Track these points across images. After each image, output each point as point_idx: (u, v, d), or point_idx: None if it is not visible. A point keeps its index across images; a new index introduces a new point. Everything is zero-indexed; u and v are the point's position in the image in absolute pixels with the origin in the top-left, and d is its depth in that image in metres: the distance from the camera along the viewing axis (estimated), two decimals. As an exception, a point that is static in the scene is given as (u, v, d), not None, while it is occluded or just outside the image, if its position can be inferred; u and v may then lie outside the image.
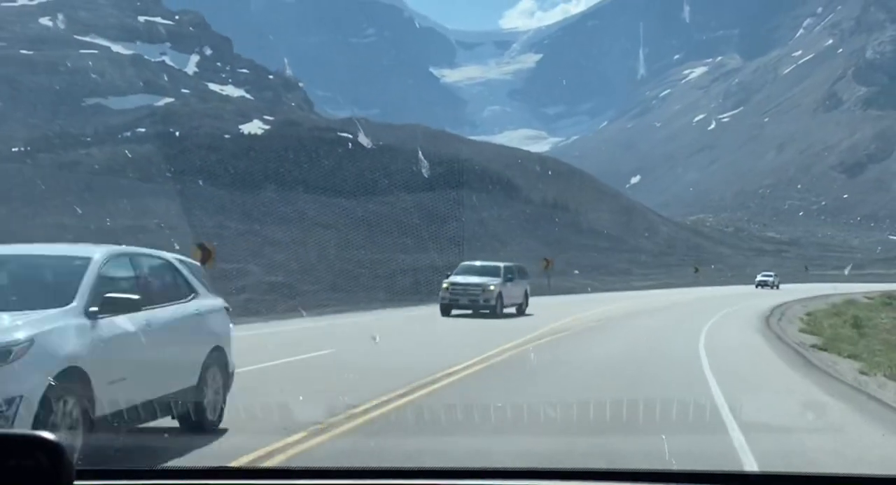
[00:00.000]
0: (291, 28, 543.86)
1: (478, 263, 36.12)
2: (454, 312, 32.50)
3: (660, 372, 16.36)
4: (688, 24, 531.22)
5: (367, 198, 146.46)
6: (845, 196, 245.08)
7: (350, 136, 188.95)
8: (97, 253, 8.77)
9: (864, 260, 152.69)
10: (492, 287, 31.83)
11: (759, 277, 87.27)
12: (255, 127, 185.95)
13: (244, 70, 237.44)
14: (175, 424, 9.54)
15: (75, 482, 2.17)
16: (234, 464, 7.68)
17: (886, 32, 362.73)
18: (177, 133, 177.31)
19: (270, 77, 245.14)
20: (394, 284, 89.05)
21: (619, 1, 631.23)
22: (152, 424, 9.15)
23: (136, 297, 8.53)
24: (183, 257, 11.13)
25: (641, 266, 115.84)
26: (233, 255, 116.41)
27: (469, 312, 32.57)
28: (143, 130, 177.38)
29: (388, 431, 10.12)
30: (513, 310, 33.94)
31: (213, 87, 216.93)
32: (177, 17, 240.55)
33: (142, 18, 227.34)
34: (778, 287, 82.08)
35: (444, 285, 32.32)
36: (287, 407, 10.72)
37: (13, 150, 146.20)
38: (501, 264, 34.88)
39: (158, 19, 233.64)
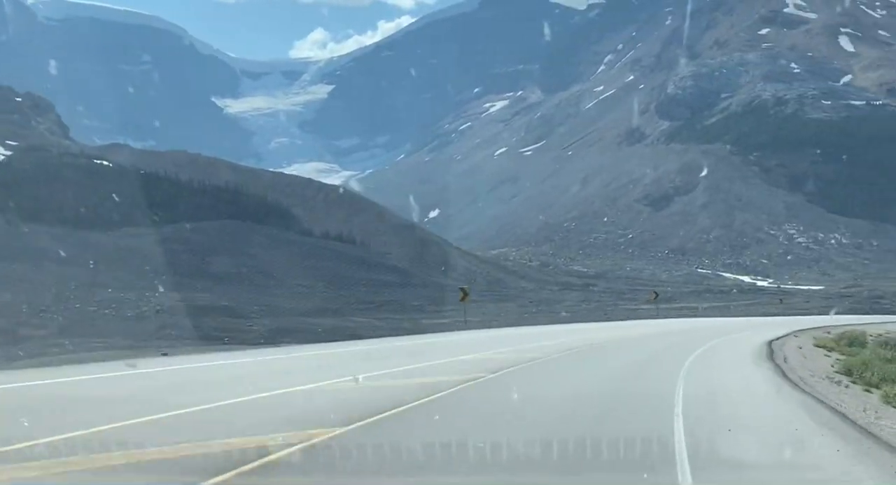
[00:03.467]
0: (56, 52, 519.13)
1: None
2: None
3: None
4: (486, 58, 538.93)
5: (120, 230, 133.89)
6: (652, 229, 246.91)
7: (108, 163, 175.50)
8: None
9: (674, 293, 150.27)
10: None
11: None
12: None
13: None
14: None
15: None
16: None
17: (686, 68, 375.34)
18: None
19: (18, 99, 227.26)
20: (139, 328, 77.40)
21: (415, 33, 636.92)
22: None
23: None
24: None
25: (435, 302, 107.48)
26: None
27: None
28: None
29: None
30: None
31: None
32: None
33: None
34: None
35: None
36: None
37: None
38: None
39: None
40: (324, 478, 10.19)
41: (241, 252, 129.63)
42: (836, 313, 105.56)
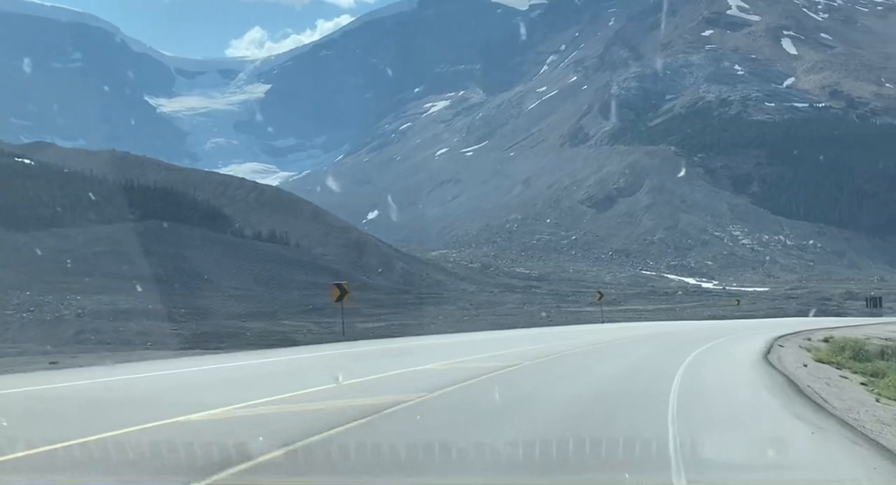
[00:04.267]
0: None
1: None
2: None
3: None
4: (427, 58, 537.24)
5: (40, 230, 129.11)
6: (596, 231, 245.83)
7: (31, 162, 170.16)
8: None
9: (618, 295, 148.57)
10: None
11: None
12: None
13: None
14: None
15: None
16: None
17: (630, 69, 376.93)
18: None
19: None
20: (57, 333, 73.12)
21: (354, 32, 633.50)
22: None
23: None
24: None
25: (372, 305, 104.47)
26: None
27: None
28: None
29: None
30: None
31: None
32: None
33: None
34: None
35: None
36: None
37: None
38: None
39: None
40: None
41: (170, 253, 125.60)
42: (815, 315, 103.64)
